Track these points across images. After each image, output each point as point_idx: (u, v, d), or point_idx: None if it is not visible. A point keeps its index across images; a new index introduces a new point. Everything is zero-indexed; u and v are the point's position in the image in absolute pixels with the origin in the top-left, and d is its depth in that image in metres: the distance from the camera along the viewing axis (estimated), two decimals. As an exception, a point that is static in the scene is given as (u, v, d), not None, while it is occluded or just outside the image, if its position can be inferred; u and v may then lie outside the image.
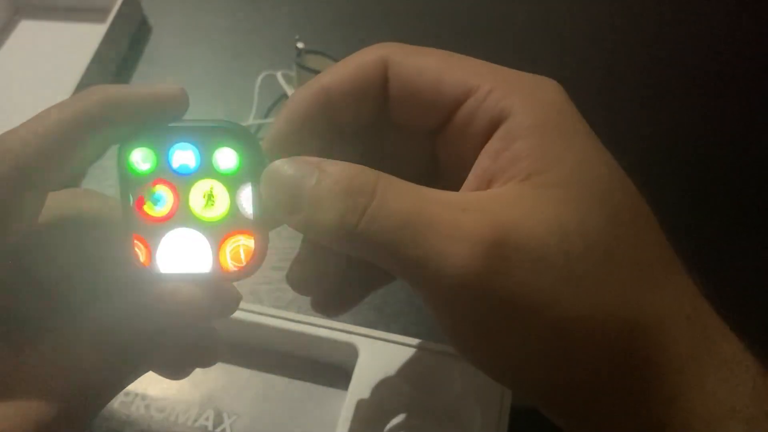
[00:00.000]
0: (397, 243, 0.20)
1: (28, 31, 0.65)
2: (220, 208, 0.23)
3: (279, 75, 0.58)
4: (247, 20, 0.67)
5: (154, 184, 0.23)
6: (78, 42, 0.62)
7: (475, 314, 0.20)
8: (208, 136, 0.23)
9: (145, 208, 0.24)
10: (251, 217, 0.23)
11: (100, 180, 0.53)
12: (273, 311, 0.40)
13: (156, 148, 0.23)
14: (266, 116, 0.58)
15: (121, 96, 0.22)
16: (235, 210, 0.23)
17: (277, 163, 0.22)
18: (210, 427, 0.40)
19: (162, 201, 0.23)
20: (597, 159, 0.22)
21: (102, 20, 0.60)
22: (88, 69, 0.55)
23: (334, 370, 0.41)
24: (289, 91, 0.57)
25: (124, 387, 0.24)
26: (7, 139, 0.22)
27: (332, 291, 0.27)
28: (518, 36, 0.66)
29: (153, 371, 0.25)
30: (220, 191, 0.23)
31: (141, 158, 0.23)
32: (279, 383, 0.42)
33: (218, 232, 0.24)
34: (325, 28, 0.66)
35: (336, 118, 0.25)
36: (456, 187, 0.24)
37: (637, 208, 0.22)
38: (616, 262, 0.20)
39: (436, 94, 0.23)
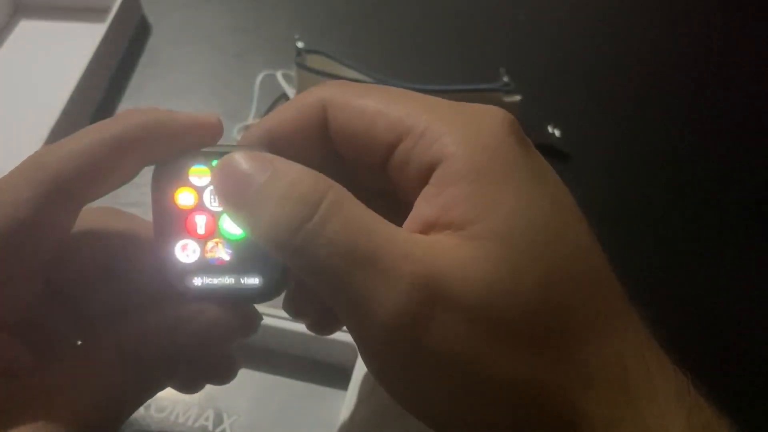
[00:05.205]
0: (333, 270, 0.20)
1: (27, 30, 0.65)
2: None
3: (279, 75, 0.58)
4: (246, 20, 0.67)
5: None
6: (78, 42, 0.62)
7: (399, 362, 0.20)
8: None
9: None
10: None
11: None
12: (273, 311, 0.40)
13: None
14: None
15: (160, 120, 0.23)
16: None
17: (233, 154, 0.22)
18: (210, 427, 0.40)
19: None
20: (533, 205, 0.21)
21: (102, 20, 0.60)
22: (88, 68, 0.56)
23: (334, 370, 0.41)
24: (289, 90, 0.57)
25: (144, 403, 0.24)
26: (45, 155, 0.22)
27: (325, 313, 0.28)
28: (520, 35, 0.66)
29: (168, 386, 0.25)
30: None
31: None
32: (279, 383, 0.42)
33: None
34: (325, 28, 0.66)
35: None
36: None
37: (577, 258, 0.21)
38: (544, 325, 0.20)
39: (370, 139, 0.23)
